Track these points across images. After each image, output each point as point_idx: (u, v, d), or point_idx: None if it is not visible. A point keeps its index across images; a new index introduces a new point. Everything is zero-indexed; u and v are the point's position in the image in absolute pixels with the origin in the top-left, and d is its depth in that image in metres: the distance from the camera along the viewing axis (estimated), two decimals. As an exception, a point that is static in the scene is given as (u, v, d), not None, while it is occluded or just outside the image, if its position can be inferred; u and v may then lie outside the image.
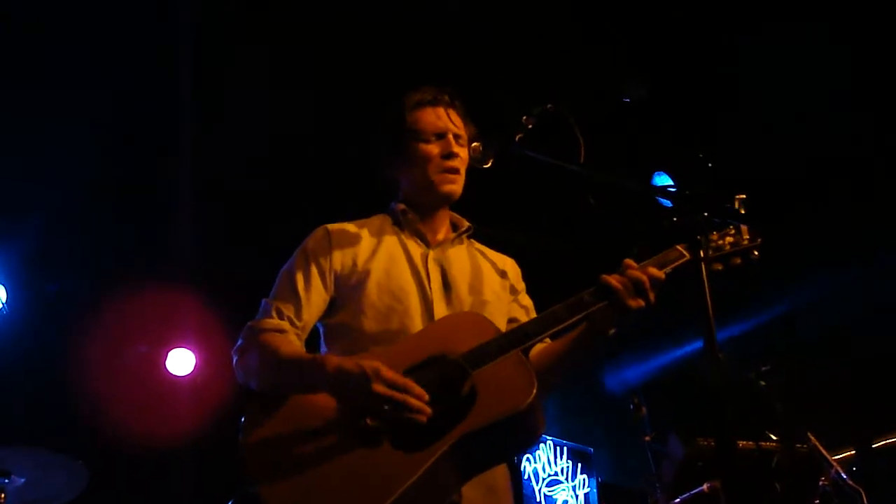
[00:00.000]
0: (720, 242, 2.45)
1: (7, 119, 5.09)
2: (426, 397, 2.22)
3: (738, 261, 2.45)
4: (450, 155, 2.64)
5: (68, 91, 5.18)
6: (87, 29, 5.03)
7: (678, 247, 2.42)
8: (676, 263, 2.41)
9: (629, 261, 2.40)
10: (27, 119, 5.19)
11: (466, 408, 2.22)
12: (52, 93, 5.18)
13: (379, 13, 5.22)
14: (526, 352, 2.40)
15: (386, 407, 2.19)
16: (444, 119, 2.68)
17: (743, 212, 2.28)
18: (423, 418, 2.19)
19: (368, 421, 2.23)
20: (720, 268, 2.43)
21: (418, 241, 2.68)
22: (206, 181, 5.80)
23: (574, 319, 2.38)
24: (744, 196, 2.29)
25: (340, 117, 5.38)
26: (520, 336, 2.36)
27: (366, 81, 5.23)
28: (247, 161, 5.72)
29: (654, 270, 2.37)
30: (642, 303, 2.34)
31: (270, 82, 5.49)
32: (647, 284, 2.34)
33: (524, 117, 2.41)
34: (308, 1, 5.24)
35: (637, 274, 2.35)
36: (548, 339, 2.62)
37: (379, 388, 2.19)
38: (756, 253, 2.43)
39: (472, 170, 2.58)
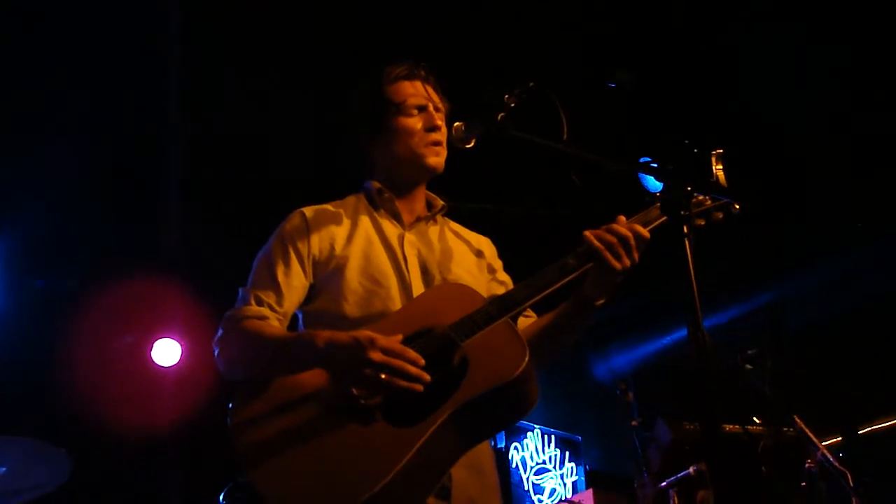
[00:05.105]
0: (700, 198, 2.42)
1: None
2: (422, 362, 2.16)
3: (720, 215, 2.43)
4: (434, 128, 2.61)
5: (55, 88, 5.14)
6: (74, 26, 4.99)
7: (659, 205, 2.34)
8: (658, 222, 2.38)
9: (620, 217, 2.36)
10: (13, 116, 5.14)
11: (458, 379, 2.18)
12: (39, 90, 5.14)
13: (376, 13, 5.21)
14: (514, 319, 2.35)
15: (383, 376, 2.13)
16: (423, 92, 2.64)
17: (720, 166, 2.25)
18: (420, 387, 2.14)
19: (358, 393, 2.16)
20: (702, 223, 2.40)
21: (393, 221, 2.63)
22: (191, 172, 5.77)
23: (563, 282, 2.34)
24: (721, 150, 2.26)
25: (328, 110, 5.36)
26: (508, 303, 2.32)
27: (357, 77, 5.21)
28: (233, 153, 5.70)
29: (639, 228, 2.33)
30: (628, 262, 2.30)
31: (260, 76, 5.47)
32: (633, 241, 2.30)
33: (506, 95, 2.37)
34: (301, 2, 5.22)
35: (622, 230, 2.31)
36: (533, 315, 2.59)
37: (375, 355, 2.13)
38: (737, 207, 2.39)
39: (451, 148, 2.55)
